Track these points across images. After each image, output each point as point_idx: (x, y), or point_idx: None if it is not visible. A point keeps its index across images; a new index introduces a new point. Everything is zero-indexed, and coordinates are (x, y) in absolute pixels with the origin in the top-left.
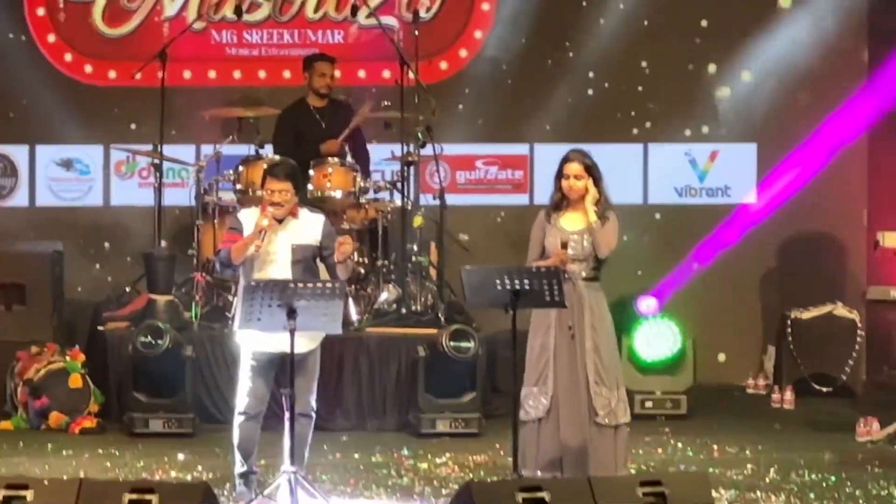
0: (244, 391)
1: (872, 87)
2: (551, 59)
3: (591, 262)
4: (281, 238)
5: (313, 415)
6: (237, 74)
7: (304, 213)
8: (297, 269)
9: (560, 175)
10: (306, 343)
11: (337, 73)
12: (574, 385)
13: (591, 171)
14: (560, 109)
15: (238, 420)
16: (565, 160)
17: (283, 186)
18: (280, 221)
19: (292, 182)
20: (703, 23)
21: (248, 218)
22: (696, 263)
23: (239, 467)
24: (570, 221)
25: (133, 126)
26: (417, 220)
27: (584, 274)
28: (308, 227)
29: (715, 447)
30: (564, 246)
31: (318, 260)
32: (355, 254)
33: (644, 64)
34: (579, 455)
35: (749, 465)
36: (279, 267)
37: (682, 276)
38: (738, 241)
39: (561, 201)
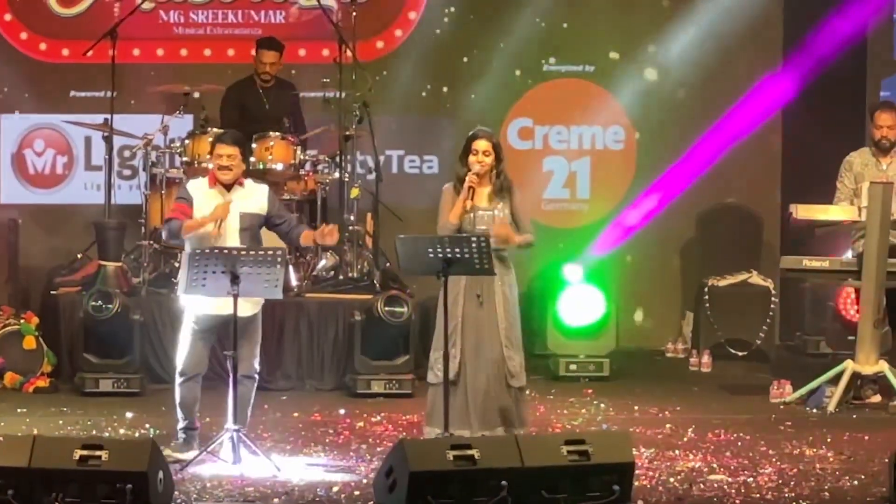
0: (184, 353)
1: (787, 68)
2: (480, 43)
3: None
4: (230, 206)
5: (256, 377)
6: (184, 52)
7: (249, 182)
8: (244, 236)
9: (468, 151)
10: (248, 307)
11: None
12: (485, 350)
13: (497, 148)
14: (488, 90)
15: (178, 380)
16: (473, 137)
17: (232, 151)
18: (229, 189)
19: (240, 148)
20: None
21: (196, 189)
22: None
23: (181, 423)
24: (477, 196)
25: (84, 101)
26: (354, 192)
27: (493, 247)
28: (254, 196)
29: (636, 408)
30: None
31: (262, 228)
32: None
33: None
34: (489, 415)
35: (668, 425)
36: (228, 234)
37: (607, 244)
38: (660, 212)
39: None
